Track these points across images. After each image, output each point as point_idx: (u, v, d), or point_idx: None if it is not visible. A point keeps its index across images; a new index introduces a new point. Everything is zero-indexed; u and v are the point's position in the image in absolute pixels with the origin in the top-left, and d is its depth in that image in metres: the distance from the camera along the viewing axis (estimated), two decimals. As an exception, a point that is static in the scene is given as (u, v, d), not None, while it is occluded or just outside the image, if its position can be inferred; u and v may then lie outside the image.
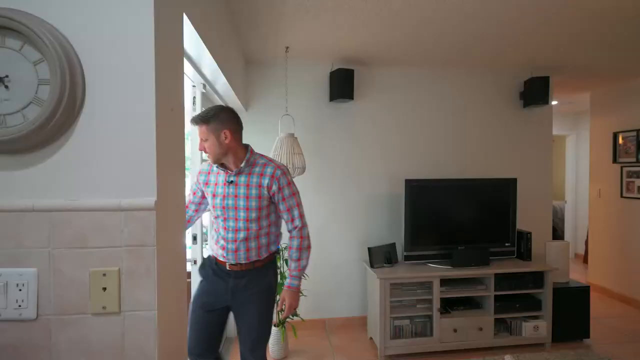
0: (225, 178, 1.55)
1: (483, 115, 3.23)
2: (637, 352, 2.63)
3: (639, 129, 3.47)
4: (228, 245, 1.56)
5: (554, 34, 2.37)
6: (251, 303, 1.59)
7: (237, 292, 1.58)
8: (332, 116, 3.04)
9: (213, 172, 1.61)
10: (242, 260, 1.57)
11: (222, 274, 1.60)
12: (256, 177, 1.55)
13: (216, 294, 1.61)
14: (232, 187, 1.54)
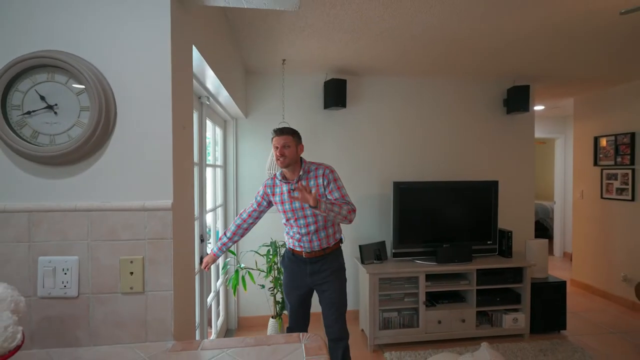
0: (288, 188, 1.94)
1: (469, 121, 3.44)
2: (610, 343, 2.83)
3: (617, 133, 3.67)
4: (303, 238, 1.96)
5: (533, 48, 2.58)
6: (329, 282, 1.99)
7: (315, 274, 1.99)
8: (326, 123, 3.25)
9: (277, 185, 2.00)
10: (316, 248, 1.97)
11: (299, 262, 2.02)
12: (312, 180, 1.95)
13: (298, 278, 2.03)
14: (295, 194, 1.88)
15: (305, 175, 1.94)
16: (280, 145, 1.88)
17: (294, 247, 2.02)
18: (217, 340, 1.10)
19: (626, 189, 3.59)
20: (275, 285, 2.63)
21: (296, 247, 2.01)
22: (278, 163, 1.90)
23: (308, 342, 1.08)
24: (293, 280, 2.04)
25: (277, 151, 1.89)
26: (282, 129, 1.93)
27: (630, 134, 3.54)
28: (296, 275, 2.03)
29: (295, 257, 2.03)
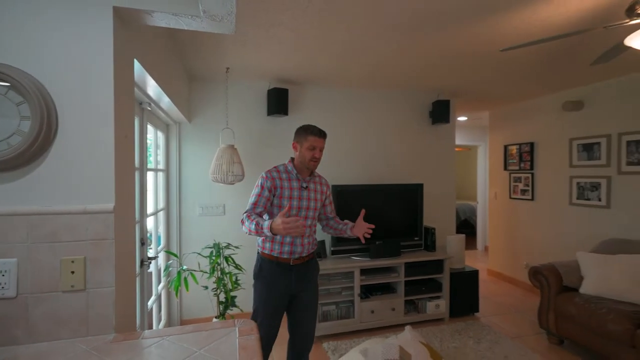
0: (300, 184, 1.90)
1: (399, 130, 3.81)
2: (512, 321, 3.33)
3: (521, 142, 4.31)
4: (297, 241, 1.86)
5: (451, 70, 2.98)
6: (310, 287, 1.96)
7: (300, 280, 1.90)
8: (270, 129, 3.40)
9: (284, 179, 1.90)
10: (305, 253, 1.91)
11: (284, 270, 1.87)
12: (319, 185, 1.99)
13: (281, 288, 1.87)
14: (305, 192, 1.90)
15: (313, 178, 1.98)
16: (319, 147, 1.87)
17: (280, 254, 1.85)
18: (157, 330, 1.22)
19: (528, 190, 4.23)
20: (218, 285, 2.71)
21: (284, 253, 1.85)
22: (311, 164, 1.88)
23: (241, 326, 1.24)
24: (275, 292, 1.87)
25: (314, 152, 1.86)
26: (323, 132, 1.91)
27: (530, 143, 4.18)
28: (278, 286, 1.86)
29: (279, 266, 1.86)
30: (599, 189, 3.41)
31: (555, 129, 3.86)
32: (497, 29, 2.14)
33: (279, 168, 1.93)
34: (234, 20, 1.26)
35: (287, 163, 1.95)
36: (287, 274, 1.87)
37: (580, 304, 2.59)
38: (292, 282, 1.88)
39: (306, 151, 1.86)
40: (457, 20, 2.02)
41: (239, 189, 3.26)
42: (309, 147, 1.85)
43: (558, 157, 3.83)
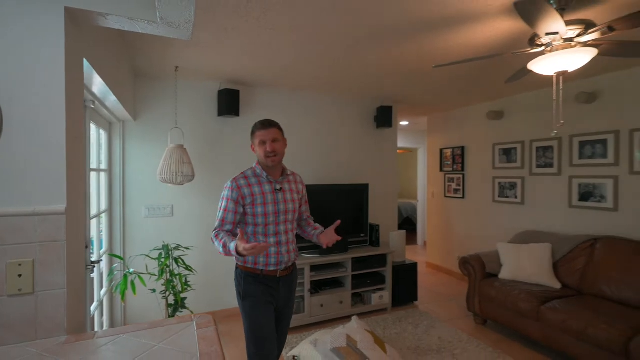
0: (272, 187, 1.71)
1: (348, 133, 4.03)
2: (446, 307, 3.71)
3: (454, 146, 4.78)
4: (282, 249, 1.69)
5: (391, 80, 3.24)
6: (292, 293, 1.84)
7: (286, 293, 1.76)
8: (221, 129, 3.40)
9: (253, 184, 1.69)
10: (292, 261, 1.76)
11: (271, 283, 1.69)
12: (294, 184, 1.81)
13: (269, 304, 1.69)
14: (280, 194, 1.71)
15: (286, 176, 1.78)
16: (269, 139, 1.65)
17: (266, 267, 1.67)
18: (112, 329, 1.23)
19: (459, 189, 4.71)
20: (167, 288, 2.68)
21: (271, 265, 1.67)
22: (268, 160, 1.66)
23: (199, 320, 1.30)
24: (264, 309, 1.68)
25: (265, 147, 1.65)
26: (269, 121, 1.69)
27: (461, 147, 4.66)
28: (267, 301, 1.69)
29: (265, 279, 1.68)
30: (515, 188, 3.93)
31: (482, 135, 4.35)
32: (429, 48, 2.41)
33: (246, 173, 1.73)
34: (191, 28, 1.31)
35: (255, 165, 1.76)
36: (275, 287, 1.69)
37: (499, 288, 3.00)
38: (281, 294, 1.72)
39: (259, 148, 1.68)
40: (395, 39, 2.25)
41: (188, 189, 3.22)
42: (259, 143, 1.67)
43: (484, 160, 4.32)
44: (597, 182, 3.16)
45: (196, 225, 3.29)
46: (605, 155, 3.11)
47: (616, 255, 2.76)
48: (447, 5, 1.83)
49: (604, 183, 3.11)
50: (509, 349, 2.81)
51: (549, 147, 3.57)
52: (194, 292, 2.97)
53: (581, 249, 3.01)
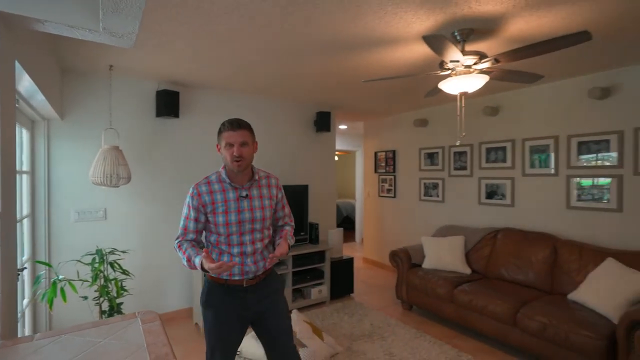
0: (237, 194, 1.57)
1: (290, 136, 4.20)
2: (379, 297, 4.06)
3: (386, 150, 5.22)
4: (247, 260, 1.57)
5: (331, 88, 3.48)
6: (277, 305, 1.66)
7: (259, 302, 1.61)
8: (160, 130, 3.35)
9: (216, 191, 1.57)
10: (260, 272, 1.60)
11: (236, 293, 1.58)
12: (265, 188, 1.66)
13: (235, 315, 1.59)
14: (246, 201, 1.58)
15: (256, 181, 1.64)
16: (237, 142, 1.51)
17: (229, 277, 1.57)
18: (51, 331, 1.25)
19: (392, 189, 5.15)
20: (102, 293, 2.59)
21: (235, 274, 1.57)
22: (234, 165, 1.53)
23: (143, 316, 1.37)
24: (229, 321, 1.59)
25: (231, 150, 1.51)
26: (238, 122, 1.55)
27: (393, 151, 5.10)
28: (232, 313, 1.59)
29: (230, 290, 1.58)
30: (437, 188, 4.44)
31: (410, 140, 4.83)
32: (360, 63, 2.69)
33: (210, 178, 1.62)
34: (134, 37, 1.37)
35: (221, 169, 1.63)
36: (241, 297, 1.58)
37: (422, 276, 3.40)
38: (248, 305, 1.60)
39: (225, 151, 1.54)
40: (329, 54, 2.48)
41: (124, 191, 3.12)
42: (226, 146, 1.53)
43: (411, 163, 4.80)
44: (499, 182, 3.74)
45: (133, 227, 3.20)
46: (505, 160, 3.70)
47: (511, 243, 3.31)
48: (374, 30, 2.09)
49: (504, 183, 3.70)
50: (430, 328, 3.21)
51: (463, 152, 4.12)
52: (131, 297, 2.90)
53: (487, 239, 3.55)
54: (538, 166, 3.42)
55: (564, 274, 2.89)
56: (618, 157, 2.88)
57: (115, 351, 1.10)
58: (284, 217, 1.77)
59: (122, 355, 1.07)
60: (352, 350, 2.77)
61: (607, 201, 2.94)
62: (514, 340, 2.64)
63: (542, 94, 3.38)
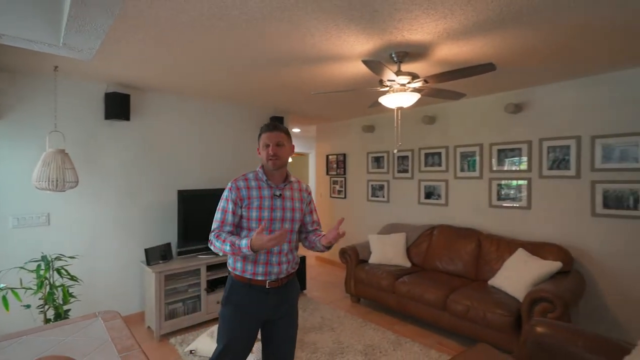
0: (272, 192, 1.65)
1: (242, 139, 4.30)
2: (329, 292, 4.32)
3: (337, 153, 5.51)
4: (273, 259, 1.61)
5: (282, 95, 3.65)
6: (290, 313, 1.72)
7: (278, 306, 1.65)
8: (109, 133, 3.28)
9: (252, 187, 1.65)
10: (284, 274, 1.64)
11: (258, 294, 1.61)
12: (297, 191, 1.74)
13: (253, 314, 1.62)
14: (279, 200, 1.65)
15: (290, 183, 1.73)
16: (273, 143, 1.63)
17: (253, 276, 1.61)
18: (11, 333, 1.30)
19: (342, 191, 5.45)
20: (47, 301, 2.52)
21: (258, 274, 1.61)
22: (269, 163, 1.64)
23: (104, 315, 1.45)
24: (246, 321, 1.63)
25: (268, 149, 1.63)
26: (275, 125, 1.68)
27: (343, 154, 5.41)
28: (249, 312, 1.63)
29: (252, 289, 1.62)
30: (383, 189, 4.81)
31: (359, 144, 5.16)
32: (311, 76, 2.90)
33: (247, 176, 1.71)
34: (94, 52, 1.45)
35: (258, 169, 1.73)
36: (262, 299, 1.62)
37: (368, 270, 3.71)
38: (267, 308, 1.64)
39: (263, 150, 1.67)
40: (282, 66, 2.66)
41: (71, 196, 3.03)
42: (264, 146, 1.66)
43: (360, 165, 5.13)
44: (436, 184, 4.18)
45: (81, 232, 3.12)
46: (440, 164, 4.14)
47: (445, 238, 3.74)
48: (321, 49, 2.32)
49: (440, 185, 4.14)
50: (375, 318, 3.52)
51: (405, 157, 4.52)
52: (79, 303, 2.84)
53: (425, 235, 3.96)
54: (467, 170, 3.89)
55: (486, 263, 3.35)
56: (527, 163, 3.41)
57: (81, 347, 1.19)
58: (313, 222, 1.81)
59: (88, 350, 1.17)
60: (303, 342, 2.97)
61: (520, 200, 3.46)
62: (445, 323, 3.03)
63: (469, 107, 3.85)
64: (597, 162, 2.99)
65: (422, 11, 1.81)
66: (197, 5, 1.74)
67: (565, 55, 2.48)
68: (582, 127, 3.08)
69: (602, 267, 2.97)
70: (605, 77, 2.95)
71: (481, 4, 1.74)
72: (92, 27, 1.19)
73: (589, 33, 2.09)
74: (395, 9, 1.78)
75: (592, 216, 3.01)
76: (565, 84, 3.17)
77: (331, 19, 1.90)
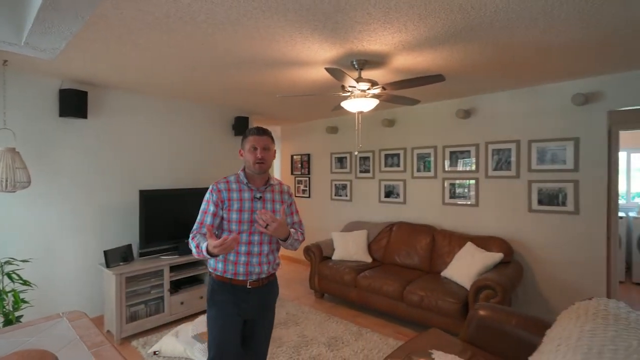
0: (252, 194, 1.70)
1: (209, 139, 4.28)
2: (295, 289, 4.41)
3: (302, 153, 5.62)
4: (253, 260, 1.66)
5: (248, 96, 3.69)
6: (269, 311, 1.79)
7: (258, 306, 1.71)
8: (64, 131, 3.15)
9: (233, 189, 1.69)
10: (264, 274, 1.69)
11: (240, 294, 1.66)
12: (278, 193, 1.78)
13: (237, 308, 1.66)
14: (259, 202, 1.69)
15: (270, 186, 1.77)
16: (261, 146, 1.67)
17: (234, 276, 1.65)
18: (-30, 337, 1.27)
19: (307, 190, 5.57)
20: (-4, 307, 2.39)
21: (239, 274, 1.65)
22: (255, 167, 1.67)
23: (69, 315, 1.46)
24: (229, 319, 1.67)
25: (255, 153, 1.66)
26: (263, 129, 1.72)
27: (307, 154, 5.53)
28: (233, 311, 1.67)
29: (233, 289, 1.66)
30: (346, 189, 4.99)
31: (322, 145, 5.31)
32: (276, 79, 2.99)
33: (229, 178, 1.75)
34: (58, 52, 1.44)
35: (240, 172, 1.77)
36: (244, 298, 1.68)
37: (331, 266, 3.87)
38: (249, 307, 1.69)
39: (248, 154, 1.69)
40: (248, 69, 2.73)
41: (22, 197, 2.87)
42: (250, 149, 1.68)
43: (324, 166, 5.28)
44: (395, 183, 4.43)
45: (35, 235, 2.96)
46: (399, 165, 4.39)
47: (403, 234, 3.99)
48: (286, 54, 2.42)
49: (399, 184, 4.39)
50: (338, 311, 3.68)
51: (367, 157, 4.73)
52: (32, 309, 2.71)
53: (384, 232, 4.18)
54: (423, 170, 4.17)
55: (439, 256, 3.63)
56: (476, 164, 3.73)
57: (47, 346, 1.21)
58: (292, 224, 1.83)
59: (57, 348, 1.19)
60: (269, 337, 3.05)
61: (469, 198, 3.78)
62: (402, 313, 3.25)
63: (425, 112, 4.13)
64: (533, 163, 3.35)
65: (379, 25, 1.97)
66: (164, 7, 1.77)
67: (503, 69, 2.78)
68: (520, 132, 3.44)
69: (536, 257, 3.34)
70: (539, 88, 3.33)
71: (431, 21, 1.93)
72: (59, 29, 1.21)
73: (521, 50, 2.37)
74: (356, 21, 1.93)
75: (528, 212, 3.38)
76: (506, 93, 3.52)
77: (296, 28, 2.01)
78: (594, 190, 3.06)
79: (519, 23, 1.95)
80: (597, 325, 1.33)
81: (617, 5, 1.76)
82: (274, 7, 1.77)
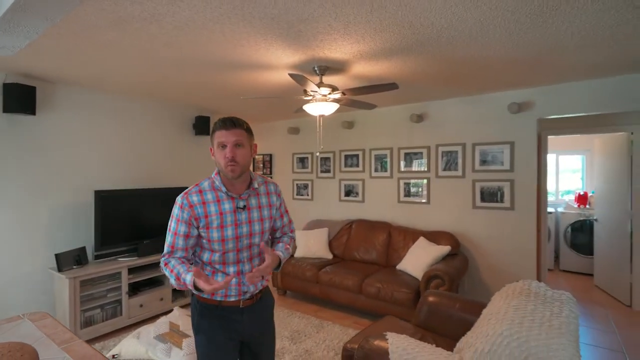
0: (234, 204, 1.37)
1: (169, 138, 4.19)
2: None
3: (264, 153, 5.67)
4: (244, 277, 1.39)
5: (210, 97, 3.69)
6: (268, 325, 1.56)
7: (253, 322, 1.45)
8: (9, 129, 2.95)
9: (209, 201, 1.34)
10: (257, 290, 1.45)
11: (233, 316, 1.40)
12: (264, 197, 1.46)
13: (228, 337, 1.41)
14: (244, 213, 1.38)
15: (254, 190, 1.43)
16: (230, 143, 1.30)
17: (225, 298, 1.39)
18: None
19: (269, 190, 5.62)
20: None
21: (231, 296, 1.39)
22: (228, 171, 1.32)
23: (31, 316, 1.44)
24: (221, 346, 1.42)
25: (225, 151, 1.31)
26: (232, 120, 1.33)
27: (270, 154, 5.59)
28: (225, 337, 1.42)
29: (224, 312, 1.40)
30: (308, 188, 5.13)
31: (284, 146, 5.40)
32: (240, 80, 3.05)
33: (202, 186, 1.40)
34: (17, 50, 1.42)
35: (214, 176, 1.41)
36: (237, 319, 1.42)
37: (294, 264, 3.98)
38: (245, 327, 1.44)
39: (218, 153, 1.34)
40: (213, 70, 2.76)
41: (-43, 198, 2.67)
42: (219, 146, 1.33)
43: (286, 166, 5.38)
44: (354, 183, 4.64)
45: (-29, 240, 2.76)
46: (358, 165, 4.61)
47: (362, 231, 4.21)
48: (251, 58, 2.50)
49: (358, 184, 4.61)
50: (301, 307, 3.80)
51: (328, 158, 4.91)
52: (-26, 318, 2.53)
53: (344, 229, 4.38)
54: (380, 170, 4.42)
55: (395, 251, 3.89)
56: (427, 165, 4.04)
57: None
58: (282, 227, 1.60)
59: (23, 346, 1.19)
60: (233, 335, 3.10)
61: (422, 196, 4.09)
62: (361, 305, 3.45)
63: (382, 115, 4.39)
64: (476, 164, 3.72)
65: (339, 35, 2.13)
66: (129, 8, 1.78)
67: (449, 79, 3.07)
68: (466, 136, 3.79)
69: (479, 249, 3.71)
70: (481, 97, 3.70)
71: (385, 35, 2.12)
72: (24, 29, 1.20)
73: (464, 63, 2.66)
74: (318, 31, 2.07)
75: (473, 208, 3.74)
76: (453, 100, 3.86)
77: (260, 34, 2.10)
78: (527, 189, 3.47)
79: (461, 40, 2.20)
80: (521, 301, 1.58)
81: (540, 30, 2.06)
82: (241, 14, 1.85)
